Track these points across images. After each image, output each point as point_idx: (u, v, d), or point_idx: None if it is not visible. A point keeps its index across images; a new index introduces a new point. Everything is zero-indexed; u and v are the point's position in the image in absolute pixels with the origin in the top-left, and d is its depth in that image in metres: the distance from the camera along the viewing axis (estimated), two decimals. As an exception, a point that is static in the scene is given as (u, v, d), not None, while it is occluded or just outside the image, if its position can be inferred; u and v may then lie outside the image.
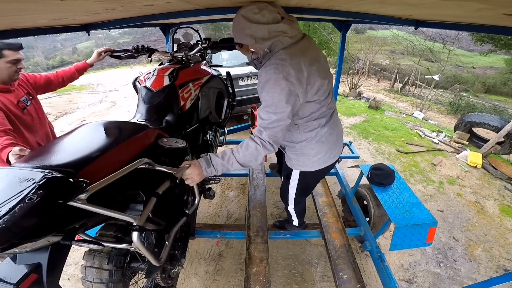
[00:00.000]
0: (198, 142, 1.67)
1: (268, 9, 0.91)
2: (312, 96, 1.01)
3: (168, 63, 1.59)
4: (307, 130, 1.11)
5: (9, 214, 0.52)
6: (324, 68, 1.05)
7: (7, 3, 0.65)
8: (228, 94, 2.05)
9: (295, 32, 0.97)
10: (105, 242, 0.85)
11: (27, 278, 0.69)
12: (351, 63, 9.83)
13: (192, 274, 1.86)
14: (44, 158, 0.73)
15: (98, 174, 0.73)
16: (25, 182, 0.59)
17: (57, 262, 0.75)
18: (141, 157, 0.87)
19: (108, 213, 0.69)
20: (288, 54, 0.93)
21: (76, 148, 0.82)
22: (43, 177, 0.60)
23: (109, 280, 0.95)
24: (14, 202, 0.54)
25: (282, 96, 0.91)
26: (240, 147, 1.00)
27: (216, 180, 1.78)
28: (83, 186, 0.66)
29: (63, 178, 0.63)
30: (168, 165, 0.94)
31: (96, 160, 0.78)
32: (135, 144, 0.96)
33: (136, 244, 0.76)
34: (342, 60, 2.57)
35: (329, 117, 1.15)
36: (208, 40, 1.55)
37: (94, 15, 1.14)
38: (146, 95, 1.36)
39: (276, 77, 0.90)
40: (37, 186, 0.57)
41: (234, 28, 0.98)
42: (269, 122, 0.95)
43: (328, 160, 1.22)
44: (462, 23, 1.23)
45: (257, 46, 0.96)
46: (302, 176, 1.28)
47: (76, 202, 0.63)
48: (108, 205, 0.69)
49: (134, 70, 11.88)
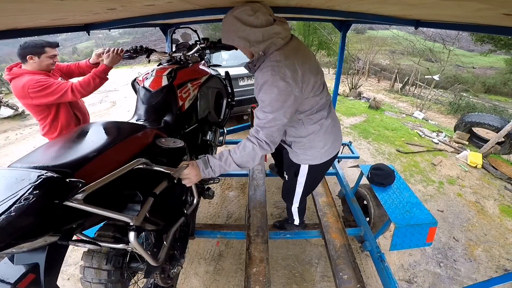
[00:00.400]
0: (197, 142, 1.67)
1: (262, 11, 0.90)
2: (308, 93, 1.02)
3: (167, 63, 1.60)
4: (312, 123, 1.13)
5: (4, 214, 0.52)
6: (315, 65, 1.06)
7: (7, 3, 0.65)
8: (227, 94, 2.05)
9: (287, 33, 0.98)
10: (102, 242, 0.85)
11: (25, 278, 0.69)
12: (351, 63, 9.84)
13: (192, 274, 1.86)
14: (41, 159, 0.74)
15: (95, 174, 0.73)
16: (21, 182, 0.60)
17: (55, 262, 0.75)
18: (139, 157, 0.87)
19: (105, 213, 0.69)
20: (282, 55, 0.94)
21: (73, 149, 0.82)
22: (39, 177, 0.60)
23: (108, 281, 0.95)
24: (10, 202, 0.54)
25: (279, 96, 0.92)
26: (237, 148, 1.00)
27: (216, 180, 1.78)
28: (79, 186, 0.66)
29: (59, 178, 0.64)
30: (166, 165, 0.94)
31: (93, 160, 0.78)
32: (133, 144, 0.96)
33: (133, 244, 0.76)
34: (342, 60, 2.57)
35: (328, 108, 1.17)
36: (206, 40, 1.56)
37: (94, 15, 1.14)
38: (144, 96, 1.36)
39: (273, 78, 0.91)
40: (33, 186, 0.58)
41: (226, 29, 0.95)
42: (266, 122, 0.95)
43: (333, 151, 1.25)
44: (462, 23, 1.24)
45: (252, 49, 0.95)
46: (311, 170, 1.29)
47: (72, 202, 0.64)
48: (105, 205, 0.69)
49: (134, 70, 11.88)
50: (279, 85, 0.91)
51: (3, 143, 4.46)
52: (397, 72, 11.21)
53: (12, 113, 5.92)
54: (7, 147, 4.29)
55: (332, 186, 2.56)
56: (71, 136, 0.92)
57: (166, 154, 1.09)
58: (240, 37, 0.92)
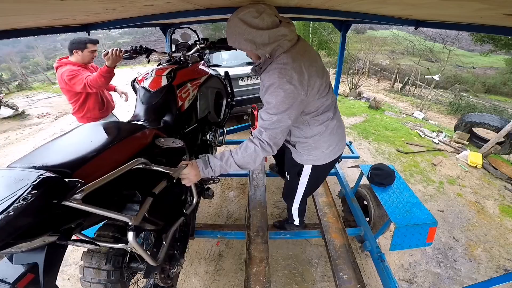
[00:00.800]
0: (197, 142, 1.67)
1: (267, 12, 0.89)
2: (314, 96, 1.02)
3: (166, 63, 1.60)
4: (317, 124, 1.12)
5: (3, 214, 0.52)
6: (321, 67, 1.06)
7: (8, 3, 0.65)
8: (227, 94, 2.05)
9: (293, 34, 0.97)
10: (101, 242, 0.85)
11: (24, 278, 0.69)
12: (351, 63, 9.84)
13: (192, 274, 1.86)
14: (40, 159, 0.74)
15: (94, 174, 0.73)
16: (20, 182, 0.60)
17: (54, 261, 0.75)
18: (138, 157, 0.87)
19: (103, 212, 0.69)
20: (289, 57, 0.93)
21: (72, 149, 0.82)
22: (38, 177, 0.61)
23: (108, 281, 0.95)
24: (9, 202, 0.55)
25: (285, 99, 0.91)
26: (239, 149, 1.00)
27: (216, 180, 1.78)
28: (77, 186, 0.66)
29: (58, 178, 0.64)
30: (165, 165, 0.94)
31: (92, 160, 0.78)
32: (132, 144, 0.96)
33: (132, 244, 0.76)
34: (342, 60, 2.57)
35: (334, 109, 1.17)
36: (206, 40, 1.56)
37: (94, 15, 1.14)
38: (144, 96, 1.36)
39: (280, 81, 0.90)
40: (31, 186, 0.58)
41: (231, 32, 0.93)
42: (270, 123, 0.95)
43: (338, 152, 1.25)
44: (462, 23, 1.23)
45: (258, 51, 0.94)
46: (314, 170, 1.29)
47: (71, 202, 0.64)
48: (104, 205, 0.70)
49: (134, 70, 11.88)
50: (285, 88, 0.90)
51: (3, 143, 4.47)
52: (397, 72, 11.21)
53: (12, 113, 5.92)
54: (7, 147, 4.30)
55: (332, 186, 2.56)
56: (70, 136, 0.92)
57: (166, 154, 1.09)
58: (246, 39, 0.91)
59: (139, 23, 1.64)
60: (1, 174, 0.65)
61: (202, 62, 1.82)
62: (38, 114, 6.15)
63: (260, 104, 1.04)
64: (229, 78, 2.07)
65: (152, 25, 2.27)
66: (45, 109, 6.54)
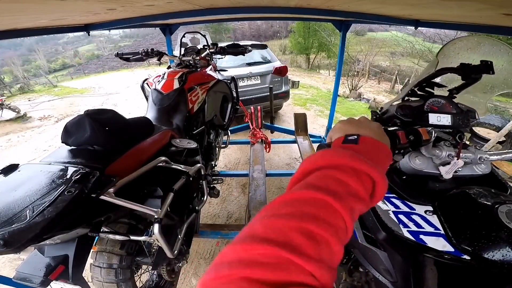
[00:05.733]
0: (204, 144, 1.70)
1: None
2: None
3: (177, 67, 1.62)
4: None
5: (52, 206, 0.56)
6: None
7: (7, 3, 0.65)
8: (232, 98, 2.09)
9: None
10: (131, 235, 0.87)
11: (56, 269, 0.72)
12: (351, 65, 9.87)
13: (192, 274, 1.85)
14: (72, 155, 0.78)
15: (122, 171, 0.78)
16: (60, 177, 0.64)
17: (83, 253, 0.78)
18: (158, 156, 0.93)
19: (133, 206, 0.74)
20: None
21: (102, 146, 0.85)
22: (78, 173, 0.65)
23: (118, 280, 0.96)
24: (55, 195, 0.58)
25: None
26: None
27: (219, 180, 1.83)
28: (113, 181, 0.70)
29: (96, 173, 0.68)
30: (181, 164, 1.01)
31: (121, 157, 0.83)
32: (153, 144, 1.02)
33: (157, 236, 0.80)
34: (342, 60, 2.57)
35: None
36: (215, 45, 1.59)
37: (94, 15, 1.15)
38: (156, 97, 1.39)
39: None
40: (73, 180, 0.62)
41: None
42: None
43: None
44: (461, 23, 1.24)
45: None
46: None
47: (106, 196, 0.68)
48: (131, 200, 0.74)
49: (135, 73, 11.95)
50: None
51: (6, 145, 4.48)
52: (397, 74, 11.24)
53: (14, 116, 5.96)
54: (9, 149, 4.31)
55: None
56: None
57: (181, 153, 1.15)
58: None
59: (139, 24, 1.64)
60: (40, 168, 0.68)
61: (210, 67, 1.86)
62: (39, 116, 6.18)
63: (259, 104, 1.05)
64: (236, 83, 2.11)
65: (152, 25, 2.28)
66: (46, 112, 6.57)
